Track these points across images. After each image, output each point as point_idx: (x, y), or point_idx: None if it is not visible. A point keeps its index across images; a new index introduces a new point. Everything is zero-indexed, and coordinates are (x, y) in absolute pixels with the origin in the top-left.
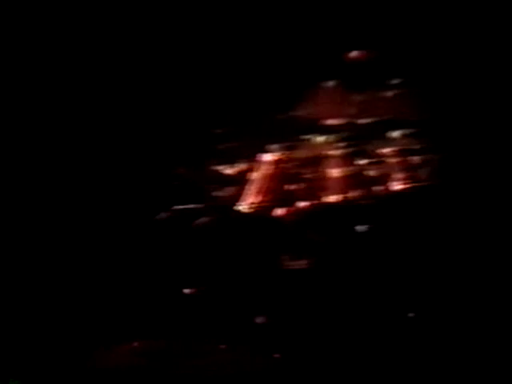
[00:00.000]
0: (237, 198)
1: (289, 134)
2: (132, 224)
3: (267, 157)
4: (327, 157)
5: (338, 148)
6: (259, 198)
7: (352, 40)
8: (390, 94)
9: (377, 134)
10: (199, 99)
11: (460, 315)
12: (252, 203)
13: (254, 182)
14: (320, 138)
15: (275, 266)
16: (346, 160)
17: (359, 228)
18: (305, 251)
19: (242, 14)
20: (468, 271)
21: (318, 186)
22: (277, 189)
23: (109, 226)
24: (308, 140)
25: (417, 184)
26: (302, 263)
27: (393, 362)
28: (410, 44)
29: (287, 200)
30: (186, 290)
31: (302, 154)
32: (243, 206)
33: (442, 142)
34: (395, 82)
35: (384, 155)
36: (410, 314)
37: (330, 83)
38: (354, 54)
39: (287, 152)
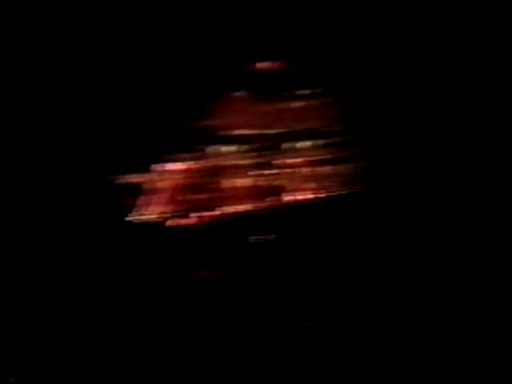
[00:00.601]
0: (145, 207)
1: (197, 143)
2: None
3: (176, 166)
4: (236, 167)
5: (246, 158)
6: (167, 208)
7: (261, 50)
8: (299, 104)
9: (285, 144)
10: (106, 107)
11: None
12: (160, 213)
13: (162, 191)
14: (228, 148)
15: (182, 276)
16: (255, 170)
17: (267, 238)
18: (212, 261)
19: (149, 21)
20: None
21: (226, 195)
22: (185, 198)
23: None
24: (216, 150)
25: (325, 194)
26: (209, 273)
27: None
28: (320, 55)
29: (195, 210)
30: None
31: (210, 163)
32: (151, 216)
33: (352, 153)
34: (304, 92)
35: (293, 165)
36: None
37: (239, 93)
38: (262, 64)
39: (196, 161)
